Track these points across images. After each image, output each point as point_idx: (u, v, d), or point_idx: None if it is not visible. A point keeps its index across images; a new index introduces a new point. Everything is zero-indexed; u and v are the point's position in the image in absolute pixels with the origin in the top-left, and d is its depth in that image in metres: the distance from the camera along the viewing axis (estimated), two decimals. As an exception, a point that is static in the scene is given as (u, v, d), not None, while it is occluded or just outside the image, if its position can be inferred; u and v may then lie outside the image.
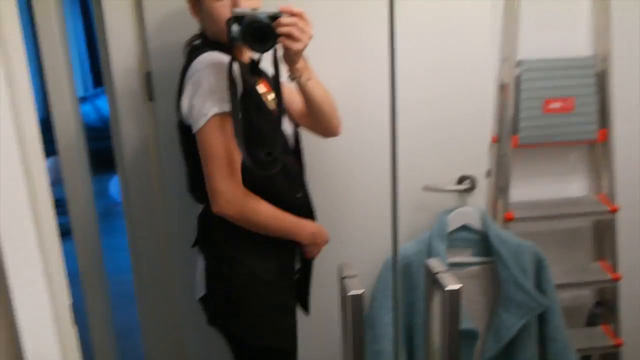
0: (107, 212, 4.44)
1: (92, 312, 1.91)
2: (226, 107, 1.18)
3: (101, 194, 4.71)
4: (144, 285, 1.79)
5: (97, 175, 2.92)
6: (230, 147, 1.21)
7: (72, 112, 1.76)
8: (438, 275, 0.82)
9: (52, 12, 1.66)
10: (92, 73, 5.95)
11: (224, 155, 1.21)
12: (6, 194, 0.81)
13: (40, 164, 0.93)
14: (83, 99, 5.13)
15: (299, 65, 1.24)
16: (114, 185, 4.68)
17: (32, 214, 0.84)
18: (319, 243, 1.42)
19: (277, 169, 1.24)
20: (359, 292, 0.80)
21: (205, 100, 1.19)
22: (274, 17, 1.15)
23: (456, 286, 0.78)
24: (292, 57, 1.21)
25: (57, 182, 1.69)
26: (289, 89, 1.36)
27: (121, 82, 1.60)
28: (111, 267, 2.10)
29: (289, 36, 1.15)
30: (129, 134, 1.65)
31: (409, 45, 1.39)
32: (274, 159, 1.23)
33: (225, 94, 1.18)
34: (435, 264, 0.87)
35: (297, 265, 1.47)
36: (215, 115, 1.19)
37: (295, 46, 1.17)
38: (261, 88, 1.34)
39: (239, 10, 1.17)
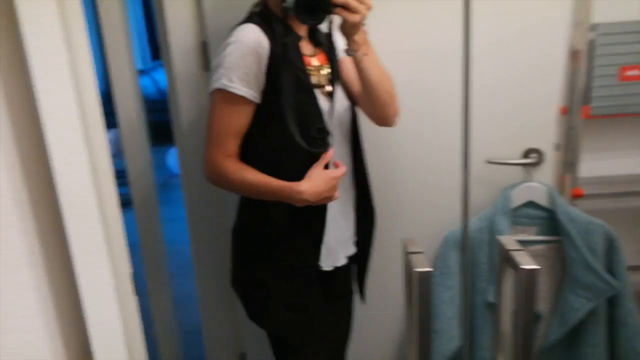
0: (165, 183, 4.55)
1: (151, 281, 1.96)
2: (233, 87, 1.19)
3: (160, 165, 4.83)
4: (200, 255, 1.81)
5: (156, 147, 2.98)
6: (225, 122, 1.23)
7: (131, 85, 1.77)
8: (512, 253, 0.76)
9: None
10: (150, 46, 6.05)
11: (216, 127, 1.24)
12: (69, 167, 0.82)
13: (101, 137, 0.93)
14: (142, 72, 5.23)
15: (357, 38, 1.17)
16: (172, 157, 4.78)
17: (93, 186, 0.85)
18: (326, 197, 1.25)
19: (330, 147, 1.21)
20: (427, 269, 0.75)
21: (219, 72, 1.20)
22: None
23: (532, 266, 0.73)
24: (349, 30, 1.14)
25: (117, 154, 1.72)
26: (350, 65, 1.29)
27: (178, 54, 1.60)
28: (169, 237, 2.14)
29: (346, 7, 1.09)
30: (186, 106, 1.65)
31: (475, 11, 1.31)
32: (324, 137, 1.20)
33: (240, 73, 1.18)
34: (508, 241, 0.81)
35: (349, 251, 1.42)
36: (220, 89, 1.20)
37: (353, 18, 1.10)
38: (315, 61, 1.29)
39: None
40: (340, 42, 1.30)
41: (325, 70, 1.29)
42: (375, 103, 1.30)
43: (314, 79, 1.26)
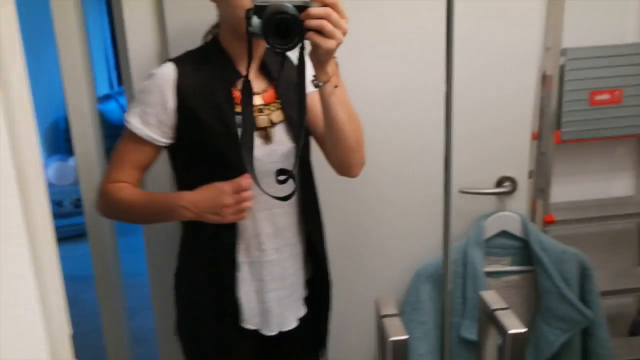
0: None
1: (106, 318, 1.83)
2: (130, 124, 1.13)
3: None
4: (159, 288, 1.70)
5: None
6: (122, 154, 1.17)
7: (89, 112, 1.67)
8: (497, 313, 0.70)
9: (70, 11, 1.57)
10: (117, 71, 5.91)
11: (114, 158, 1.18)
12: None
13: (37, 169, 0.82)
14: (109, 97, 5.10)
15: (329, 68, 1.01)
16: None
17: (25, 229, 0.74)
18: (209, 212, 1.09)
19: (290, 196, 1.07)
20: (403, 338, 0.68)
21: (131, 104, 1.17)
22: (302, 8, 0.94)
23: (521, 329, 0.66)
24: (321, 57, 0.98)
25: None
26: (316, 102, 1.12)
27: (138, 78, 1.50)
28: (128, 269, 2.02)
29: (320, 31, 0.93)
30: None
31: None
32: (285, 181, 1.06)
33: (140, 111, 1.13)
34: (492, 297, 0.74)
35: (300, 313, 1.27)
36: (127, 123, 1.14)
37: (327, 44, 0.94)
38: (258, 99, 1.15)
39: None
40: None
41: (271, 110, 1.16)
42: (339, 147, 1.13)
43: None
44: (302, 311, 1.28)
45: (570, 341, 1.54)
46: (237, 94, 1.12)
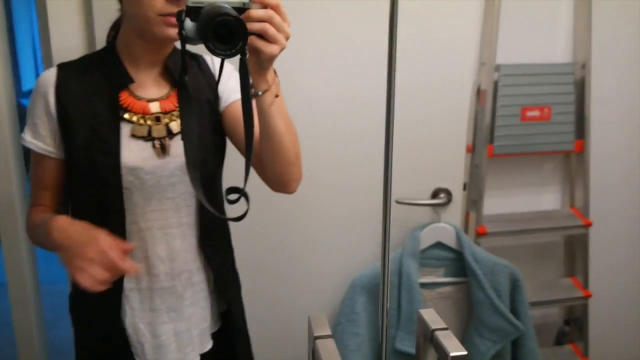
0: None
1: (19, 327, 1.70)
2: (23, 139, 1.06)
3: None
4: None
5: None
6: (32, 174, 1.09)
7: (6, 107, 1.54)
8: (437, 334, 0.67)
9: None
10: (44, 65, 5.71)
11: (31, 181, 1.10)
12: None
13: None
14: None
15: (269, 76, 0.92)
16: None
17: None
18: (73, 258, 0.90)
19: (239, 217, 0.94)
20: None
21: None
22: (241, 10, 0.85)
23: (462, 352, 0.64)
24: (263, 64, 0.88)
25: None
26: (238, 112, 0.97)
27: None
28: (46, 276, 1.88)
29: (262, 35, 0.85)
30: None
31: (381, 47, 1.25)
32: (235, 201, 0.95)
33: (30, 123, 1.05)
34: (431, 316, 0.72)
35: (205, 347, 1.15)
36: (22, 141, 1.06)
37: (270, 49, 0.85)
38: (155, 107, 1.05)
39: (195, 0, 0.85)
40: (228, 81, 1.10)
41: (170, 119, 1.05)
42: (278, 161, 1.01)
43: (138, 130, 1.03)
44: (206, 345, 1.15)
45: (501, 352, 1.56)
46: (125, 98, 1.03)
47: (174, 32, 0.96)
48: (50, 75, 1.04)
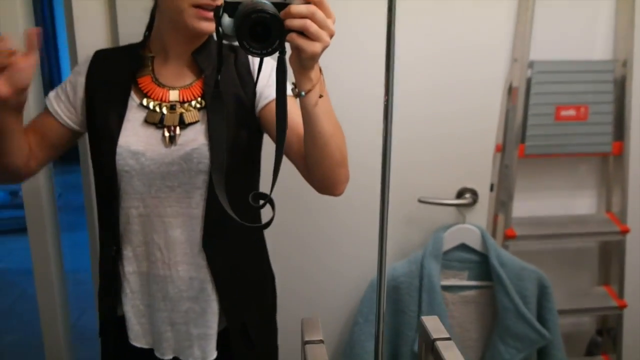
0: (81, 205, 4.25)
1: (45, 315, 1.73)
2: (48, 95, 1.11)
3: (75, 186, 4.51)
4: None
5: (66, 166, 2.73)
6: (35, 117, 1.14)
7: (33, 101, 1.58)
8: (438, 344, 0.63)
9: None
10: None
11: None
12: None
13: None
14: None
15: (313, 75, 0.87)
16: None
17: None
18: None
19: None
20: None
21: None
22: (282, 5, 0.81)
23: (462, 363, 0.60)
24: (305, 63, 0.84)
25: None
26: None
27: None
28: (73, 265, 1.92)
29: (303, 32, 0.80)
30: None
31: (408, 39, 1.20)
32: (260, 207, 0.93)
33: (59, 88, 1.11)
34: (433, 324, 0.68)
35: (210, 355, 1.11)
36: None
37: (312, 47, 0.81)
38: (174, 95, 1.06)
39: None
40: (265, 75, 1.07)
41: (186, 109, 1.05)
42: (325, 163, 0.97)
43: (151, 117, 1.04)
44: (209, 355, 1.10)
45: (526, 360, 1.50)
46: (147, 84, 1.07)
47: (206, 25, 0.99)
48: (87, 58, 1.11)
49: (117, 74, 1.08)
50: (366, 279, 1.50)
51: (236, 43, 0.82)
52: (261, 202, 0.91)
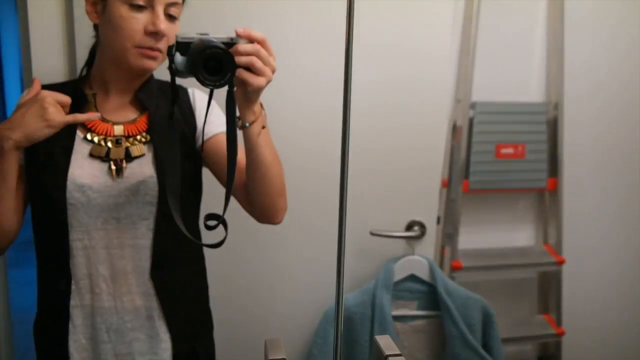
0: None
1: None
2: None
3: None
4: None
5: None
6: None
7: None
8: (391, 360, 0.68)
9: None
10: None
11: None
12: None
13: None
14: None
15: (256, 108, 0.97)
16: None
17: None
18: (32, 118, 0.98)
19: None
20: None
21: None
22: (230, 45, 0.91)
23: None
24: (250, 96, 0.94)
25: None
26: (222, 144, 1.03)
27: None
28: (21, 303, 1.85)
29: (249, 68, 0.91)
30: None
31: (358, 76, 1.27)
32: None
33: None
34: (385, 342, 0.72)
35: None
36: None
37: (257, 81, 0.91)
38: (119, 129, 1.08)
39: (184, 36, 0.92)
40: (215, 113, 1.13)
41: (131, 143, 1.08)
42: (265, 192, 1.06)
43: (97, 150, 1.06)
44: None
45: (473, 387, 1.56)
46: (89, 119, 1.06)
47: (149, 63, 1.04)
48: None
49: None
50: (319, 312, 1.52)
51: (187, 78, 0.91)
52: (214, 222, 0.98)
